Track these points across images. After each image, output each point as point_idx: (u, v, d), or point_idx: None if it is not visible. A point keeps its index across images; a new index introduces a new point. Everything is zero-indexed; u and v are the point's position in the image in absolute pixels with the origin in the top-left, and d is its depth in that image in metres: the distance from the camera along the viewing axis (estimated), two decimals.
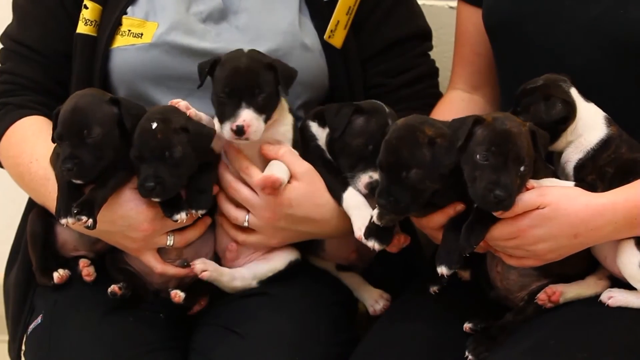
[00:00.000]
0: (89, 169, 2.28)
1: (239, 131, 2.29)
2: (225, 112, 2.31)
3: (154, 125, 2.31)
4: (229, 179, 2.42)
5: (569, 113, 2.24)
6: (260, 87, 2.32)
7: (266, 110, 2.33)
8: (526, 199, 2.15)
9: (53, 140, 2.34)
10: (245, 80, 2.31)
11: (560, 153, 2.30)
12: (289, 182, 2.39)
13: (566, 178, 2.28)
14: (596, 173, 2.24)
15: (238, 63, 2.33)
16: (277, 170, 2.37)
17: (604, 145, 2.25)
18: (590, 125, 2.26)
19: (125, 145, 2.32)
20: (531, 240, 2.18)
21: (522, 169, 2.13)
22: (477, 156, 2.14)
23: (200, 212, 2.38)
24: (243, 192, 2.41)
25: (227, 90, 2.31)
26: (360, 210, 2.36)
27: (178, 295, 2.42)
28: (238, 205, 2.43)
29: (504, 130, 2.14)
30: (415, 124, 2.21)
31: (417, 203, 2.20)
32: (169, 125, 2.31)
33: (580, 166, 2.26)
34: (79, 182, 2.31)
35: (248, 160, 2.41)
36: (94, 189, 2.31)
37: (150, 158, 2.30)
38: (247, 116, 2.30)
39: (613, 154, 2.24)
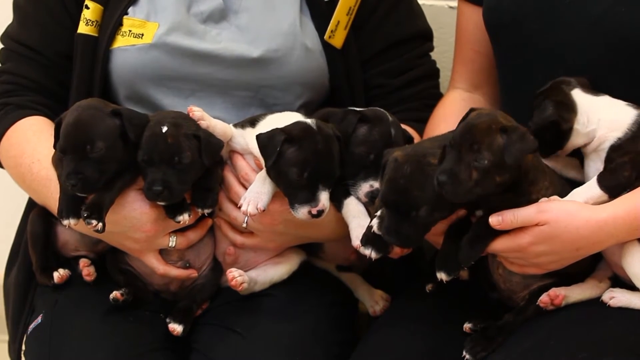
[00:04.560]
0: (92, 184, 2.27)
1: (319, 215, 2.29)
2: (301, 195, 2.29)
3: (165, 129, 2.30)
4: (231, 182, 2.42)
5: (563, 112, 2.24)
6: (336, 169, 2.32)
7: None
8: (524, 214, 2.15)
9: (55, 147, 2.34)
10: (325, 163, 2.30)
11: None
12: None
13: (598, 157, 2.26)
14: (630, 157, 2.21)
15: (317, 145, 2.29)
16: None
17: None
18: (606, 110, 2.25)
19: (129, 152, 2.31)
20: (533, 255, 2.18)
21: (477, 161, 2.10)
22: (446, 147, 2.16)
23: (207, 210, 2.38)
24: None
25: (306, 174, 2.28)
26: (359, 219, 2.36)
27: (176, 330, 2.40)
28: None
29: (467, 124, 2.14)
30: (419, 158, 2.17)
31: (425, 234, 2.20)
32: (180, 130, 2.31)
33: (617, 146, 2.23)
34: (83, 195, 2.31)
35: (249, 167, 2.41)
36: (101, 191, 2.31)
37: (159, 162, 2.29)
38: (325, 200, 2.29)
39: None
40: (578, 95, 2.27)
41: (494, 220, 2.15)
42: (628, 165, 2.21)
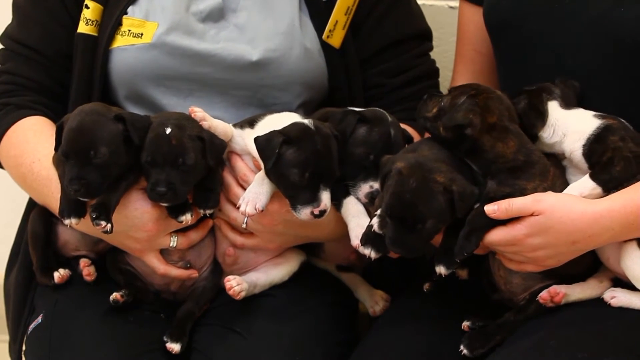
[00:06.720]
0: (96, 189, 2.27)
1: (322, 215, 2.29)
2: (303, 196, 2.28)
3: (169, 130, 2.30)
4: (230, 183, 2.42)
5: (532, 117, 2.28)
6: (336, 168, 2.32)
7: None
8: (520, 203, 2.15)
9: (56, 150, 2.34)
10: (326, 163, 2.30)
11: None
12: None
13: (576, 169, 2.27)
14: (610, 153, 2.21)
15: (316, 145, 2.29)
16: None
17: (605, 130, 2.24)
18: (573, 123, 2.27)
19: (132, 155, 2.31)
20: (529, 249, 2.18)
21: (442, 102, 2.26)
22: None
23: (209, 211, 2.38)
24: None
25: (307, 175, 2.28)
26: (358, 219, 2.36)
27: (175, 350, 2.38)
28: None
29: (469, 84, 2.33)
30: (425, 173, 2.16)
31: (429, 242, 2.21)
32: (184, 132, 2.31)
33: (590, 152, 2.24)
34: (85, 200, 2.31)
35: (247, 168, 2.41)
36: (107, 192, 2.31)
37: (163, 163, 2.29)
38: (327, 200, 2.29)
39: (621, 141, 2.22)
40: (553, 107, 2.29)
41: (490, 208, 2.16)
42: (615, 159, 2.21)
